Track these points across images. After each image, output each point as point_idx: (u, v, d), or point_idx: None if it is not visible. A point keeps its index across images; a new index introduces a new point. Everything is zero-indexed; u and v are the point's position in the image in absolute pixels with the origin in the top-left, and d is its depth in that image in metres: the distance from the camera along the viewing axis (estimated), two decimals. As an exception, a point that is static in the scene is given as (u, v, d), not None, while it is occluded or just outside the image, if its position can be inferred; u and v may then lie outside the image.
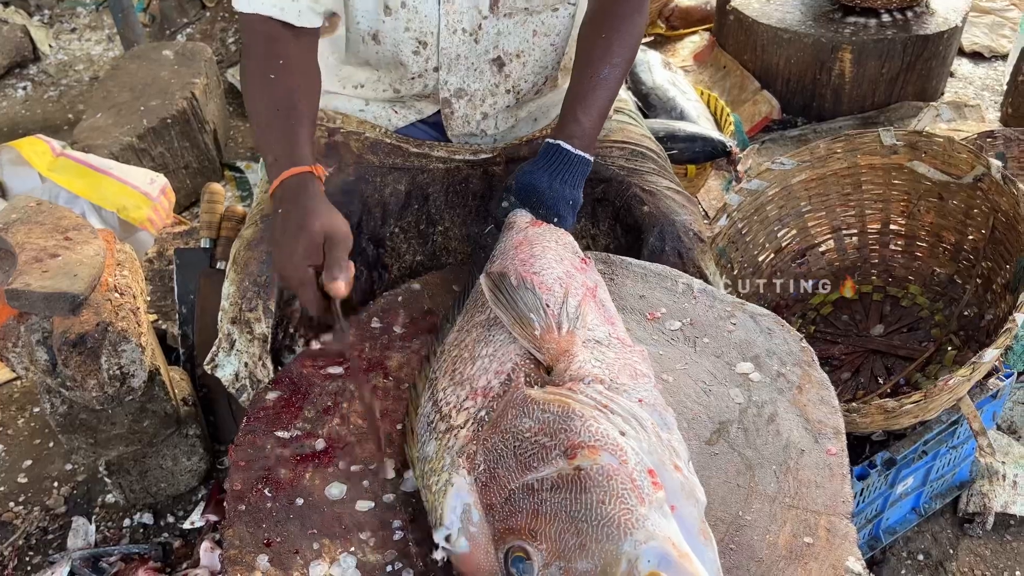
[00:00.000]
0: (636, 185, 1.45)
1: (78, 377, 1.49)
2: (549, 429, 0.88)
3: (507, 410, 0.92)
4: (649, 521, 0.79)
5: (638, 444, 0.86)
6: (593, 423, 0.87)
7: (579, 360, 0.98)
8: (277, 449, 1.11)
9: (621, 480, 0.82)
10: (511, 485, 0.86)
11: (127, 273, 1.62)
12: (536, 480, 0.85)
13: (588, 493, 0.81)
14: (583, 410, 0.89)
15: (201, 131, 2.89)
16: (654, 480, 0.83)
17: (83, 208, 2.34)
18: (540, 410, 0.90)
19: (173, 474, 1.85)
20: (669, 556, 0.77)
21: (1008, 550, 1.76)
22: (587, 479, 0.82)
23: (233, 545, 1.00)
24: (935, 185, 1.83)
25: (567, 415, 0.88)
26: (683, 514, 0.83)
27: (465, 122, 1.48)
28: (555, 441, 0.86)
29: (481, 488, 0.88)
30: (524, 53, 1.42)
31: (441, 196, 1.50)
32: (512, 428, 0.90)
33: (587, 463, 0.83)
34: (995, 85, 3.32)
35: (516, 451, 0.88)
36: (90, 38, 4.01)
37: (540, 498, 0.83)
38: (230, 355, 1.33)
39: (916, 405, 1.45)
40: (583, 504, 0.81)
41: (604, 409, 0.90)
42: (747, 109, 3.06)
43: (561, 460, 0.85)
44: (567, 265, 1.17)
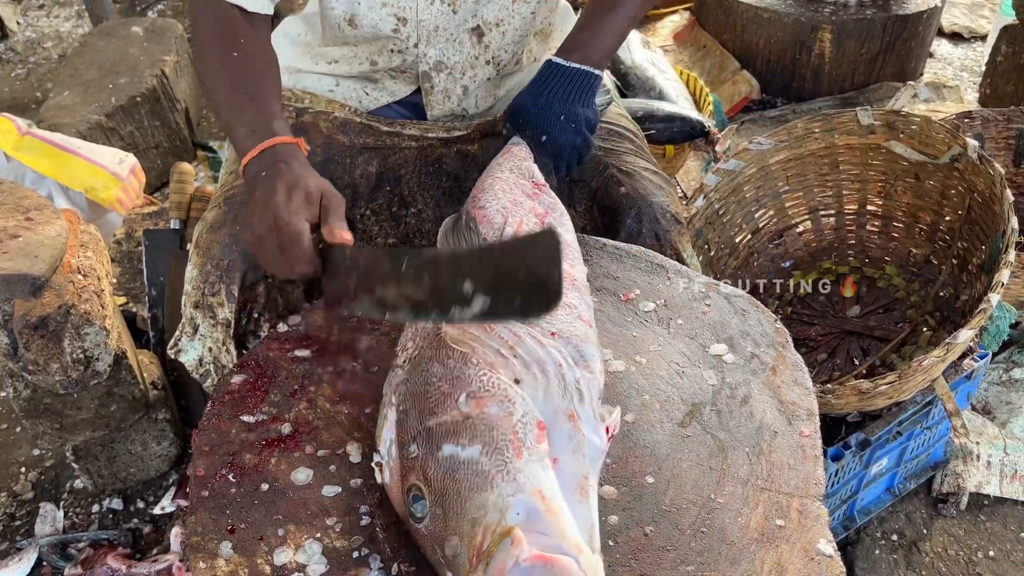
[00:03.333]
0: (613, 166, 1.43)
1: (40, 361, 1.45)
2: (451, 376, 0.91)
3: (424, 352, 0.96)
4: (522, 474, 0.81)
5: (532, 392, 0.89)
6: (487, 372, 0.90)
7: None
8: (242, 434, 1.09)
9: (502, 431, 0.84)
10: (417, 427, 0.89)
11: (91, 254, 1.58)
12: (435, 425, 0.87)
13: (472, 443, 0.84)
14: (483, 357, 0.91)
15: (172, 110, 2.84)
16: (540, 432, 0.85)
17: (50, 188, 2.29)
18: (446, 355, 0.93)
19: (142, 459, 1.82)
20: (536, 509, 0.78)
21: (981, 530, 1.77)
22: (473, 428, 0.85)
23: (196, 532, 0.98)
24: (912, 165, 1.82)
25: (466, 363, 0.91)
26: (565, 468, 0.84)
27: (446, 97, 1.45)
28: (453, 389, 0.89)
29: (398, 426, 0.92)
30: (504, 21, 1.39)
31: (414, 177, 1.47)
32: (425, 370, 0.94)
33: (475, 412, 0.86)
34: (974, 66, 3.33)
35: (425, 395, 0.91)
36: (59, 15, 3.92)
37: (435, 443, 0.86)
38: (193, 340, 1.30)
39: (890, 386, 1.45)
40: (465, 453, 0.84)
41: (507, 354, 0.92)
42: (727, 89, 3.05)
43: (454, 409, 0.88)
44: (516, 193, 1.16)
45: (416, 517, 0.86)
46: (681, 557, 0.93)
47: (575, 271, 1.12)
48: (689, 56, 3.25)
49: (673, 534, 0.95)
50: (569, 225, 1.19)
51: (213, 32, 1.21)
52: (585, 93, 1.26)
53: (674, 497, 0.99)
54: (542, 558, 0.73)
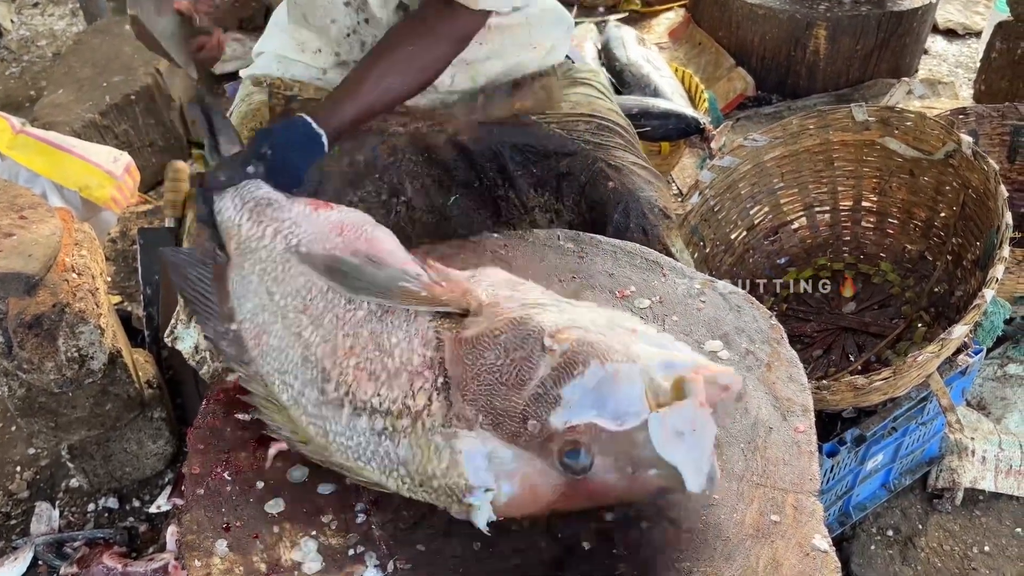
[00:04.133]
0: (602, 160, 1.43)
1: (35, 360, 1.45)
2: (513, 344, 0.91)
3: (461, 360, 0.93)
4: (640, 348, 0.88)
5: (575, 308, 0.96)
6: (540, 316, 0.93)
7: (479, 291, 1.01)
8: (237, 431, 1.09)
9: (596, 339, 0.88)
10: (520, 405, 0.88)
11: (85, 253, 1.57)
12: (537, 386, 0.88)
13: (587, 364, 0.87)
14: (522, 314, 0.93)
15: (167, 108, 2.83)
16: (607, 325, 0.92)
17: (44, 187, 2.28)
18: (491, 338, 0.92)
19: (138, 458, 1.82)
20: (667, 360, 0.87)
21: (977, 525, 1.77)
22: (576, 355, 0.87)
23: (191, 530, 0.98)
24: (907, 161, 1.82)
25: (516, 325, 0.92)
26: (643, 336, 0.92)
27: None
28: (526, 348, 0.90)
29: (494, 428, 0.88)
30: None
31: (403, 166, 1.47)
32: (481, 367, 0.91)
33: (564, 345, 0.88)
34: (969, 62, 3.33)
35: (500, 379, 0.90)
36: (53, 13, 3.91)
37: (552, 396, 0.87)
38: (189, 327, 1.30)
39: (885, 382, 1.45)
40: (587, 375, 0.86)
41: (532, 305, 0.96)
42: (722, 86, 3.04)
43: (545, 357, 0.88)
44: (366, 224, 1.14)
45: (582, 467, 0.85)
46: (677, 553, 0.94)
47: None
48: (684, 53, 3.25)
49: (669, 530, 0.95)
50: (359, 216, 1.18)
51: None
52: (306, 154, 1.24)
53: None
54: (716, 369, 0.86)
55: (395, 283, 1.01)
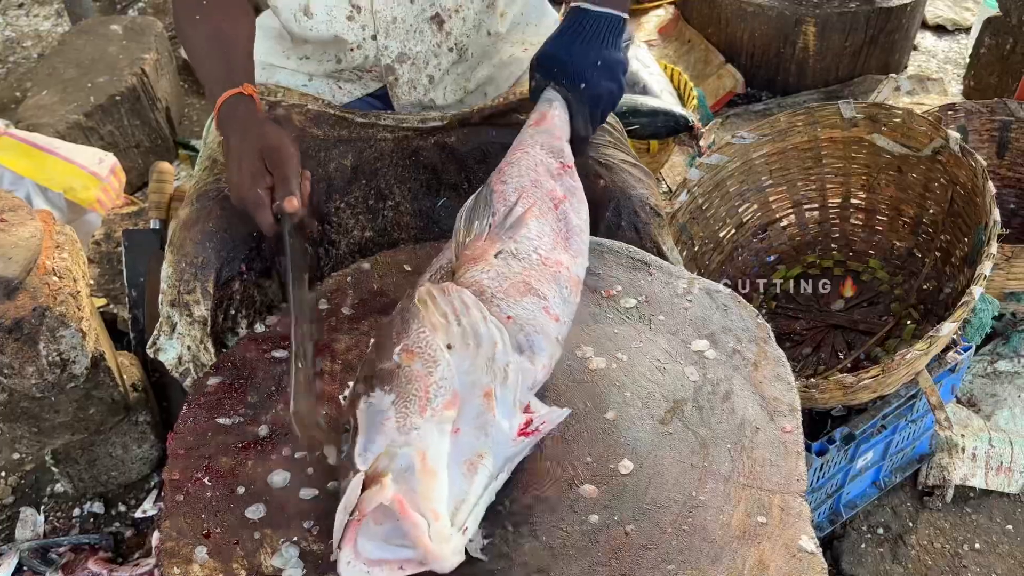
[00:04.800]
0: (592, 158, 1.42)
1: (15, 364, 1.43)
2: (400, 328, 0.97)
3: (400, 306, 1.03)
4: (417, 432, 0.86)
5: (459, 362, 0.93)
6: (425, 332, 0.95)
7: (475, 270, 1.03)
8: (219, 436, 1.07)
9: (416, 387, 0.89)
10: (365, 371, 0.96)
11: (67, 256, 1.55)
12: (375, 370, 0.94)
13: (391, 391, 0.90)
14: (430, 317, 0.96)
15: (152, 108, 2.81)
16: (451, 399, 0.90)
17: (28, 189, 2.27)
18: (404, 309, 1.00)
19: (123, 462, 1.80)
20: (412, 466, 0.83)
21: (967, 522, 1.77)
22: (397, 378, 0.91)
23: (170, 537, 0.96)
24: (895, 158, 1.82)
25: (413, 319, 0.97)
26: (463, 440, 0.89)
27: (411, 88, 1.44)
28: (397, 339, 0.95)
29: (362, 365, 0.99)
30: (463, 7, 1.38)
31: (390, 170, 1.46)
32: (388, 321, 1.01)
33: (404, 364, 0.92)
34: (958, 58, 3.33)
35: (380, 343, 0.98)
36: (38, 13, 3.88)
37: (370, 386, 0.92)
38: (172, 338, 1.28)
39: (874, 380, 1.44)
40: (384, 399, 0.90)
41: (452, 319, 0.96)
42: (711, 83, 3.04)
43: (392, 356, 0.93)
44: (540, 171, 1.16)
45: (344, 452, 0.90)
46: (662, 555, 0.92)
47: (571, 262, 1.11)
48: (674, 50, 3.24)
49: (654, 532, 0.94)
50: (584, 213, 1.18)
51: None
52: (616, 37, 1.22)
53: (655, 495, 0.98)
54: (400, 505, 0.79)
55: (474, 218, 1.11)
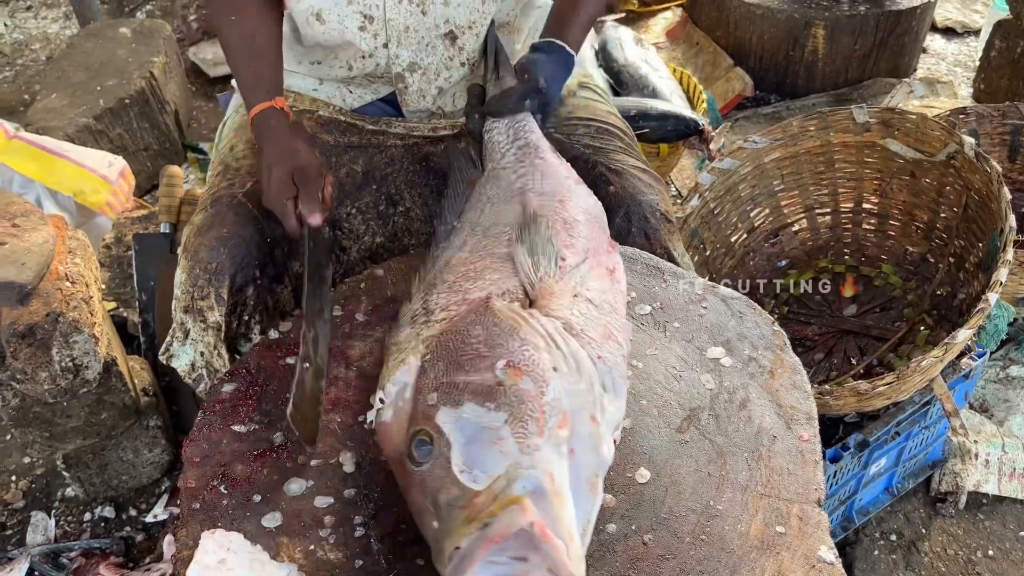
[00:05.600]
0: (602, 164, 1.42)
1: (28, 370, 1.43)
2: (492, 340, 0.92)
3: (469, 315, 0.97)
4: (540, 453, 0.83)
5: (564, 385, 0.89)
6: (531, 349, 0.91)
7: (559, 303, 1.01)
8: (233, 444, 1.07)
9: (531, 408, 0.85)
10: (442, 379, 0.90)
11: (79, 261, 1.55)
12: (463, 382, 0.89)
13: (499, 409, 0.85)
14: (529, 335, 0.92)
15: (161, 111, 2.81)
16: (564, 419, 0.86)
17: (38, 192, 2.27)
18: (492, 322, 0.94)
19: (134, 466, 1.80)
20: (543, 488, 0.79)
21: (980, 529, 1.76)
22: (502, 396, 0.86)
23: (187, 546, 0.96)
24: (908, 163, 1.81)
25: (511, 333, 0.92)
26: (580, 461, 0.86)
27: (420, 96, 1.44)
28: (492, 353, 0.90)
29: (420, 372, 0.93)
30: (476, 23, 1.39)
31: (400, 176, 1.46)
32: (464, 329, 0.95)
33: (510, 382, 0.87)
34: (968, 61, 3.32)
35: (459, 350, 0.92)
36: (46, 16, 3.88)
37: (459, 399, 0.87)
38: (184, 344, 1.28)
39: (888, 387, 1.44)
40: (489, 417, 0.85)
41: (551, 343, 0.93)
42: (720, 86, 3.03)
43: (488, 372, 0.88)
44: (599, 240, 1.18)
45: (416, 460, 0.86)
46: (680, 566, 0.92)
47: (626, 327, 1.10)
48: (682, 53, 3.24)
49: (672, 542, 0.94)
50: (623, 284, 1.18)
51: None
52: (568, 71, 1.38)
53: (673, 504, 0.97)
54: (544, 531, 0.75)
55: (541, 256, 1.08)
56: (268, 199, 1.26)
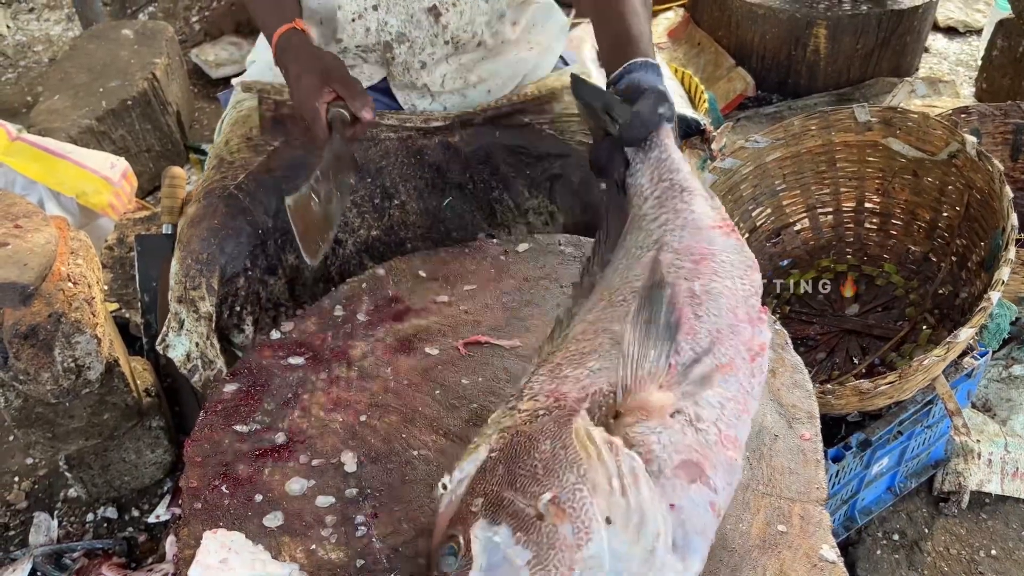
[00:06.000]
0: None
1: (31, 370, 1.44)
2: (551, 467, 0.80)
3: (547, 423, 0.85)
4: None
5: (612, 545, 0.77)
6: (587, 495, 0.78)
7: (647, 426, 0.84)
8: (235, 444, 1.07)
9: (560, 559, 0.75)
10: (493, 487, 0.82)
11: (81, 262, 1.56)
12: (509, 499, 0.80)
13: (527, 547, 0.76)
14: (592, 473, 0.79)
15: (163, 113, 2.81)
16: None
17: (41, 194, 2.27)
18: (561, 443, 0.82)
19: (137, 467, 1.80)
20: None
21: (983, 528, 1.76)
22: (535, 532, 0.77)
23: (188, 545, 0.97)
24: (910, 162, 1.81)
25: (572, 467, 0.80)
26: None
27: (405, 69, 1.45)
28: (545, 480, 0.80)
29: (479, 470, 0.84)
30: (460, 1, 1.39)
31: (395, 169, 1.46)
32: (535, 438, 0.84)
33: (548, 520, 0.77)
34: (970, 60, 3.32)
35: (520, 461, 0.82)
36: (49, 18, 3.89)
37: (499, 516, 0.79)
38: (180, 335, 1.29)
39: (891, 386, 1.44)
40: (516, 552, 0.77)
41: (617, 487, 0.78)
42: (722, 86, 3.03)
43: (534, 500, 0.78)
44: (739, 315, 0.97)
45: (440, 569, 0.80)
46: (682, 565, 0.92)
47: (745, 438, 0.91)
48: (684, 53, 3.24)
49: (674, 542, 0.94)
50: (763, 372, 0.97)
51: None
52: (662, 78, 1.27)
53: (674, 504, 0.97)
54: None
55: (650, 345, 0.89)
56: (298, 103, 1.26)
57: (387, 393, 1.13)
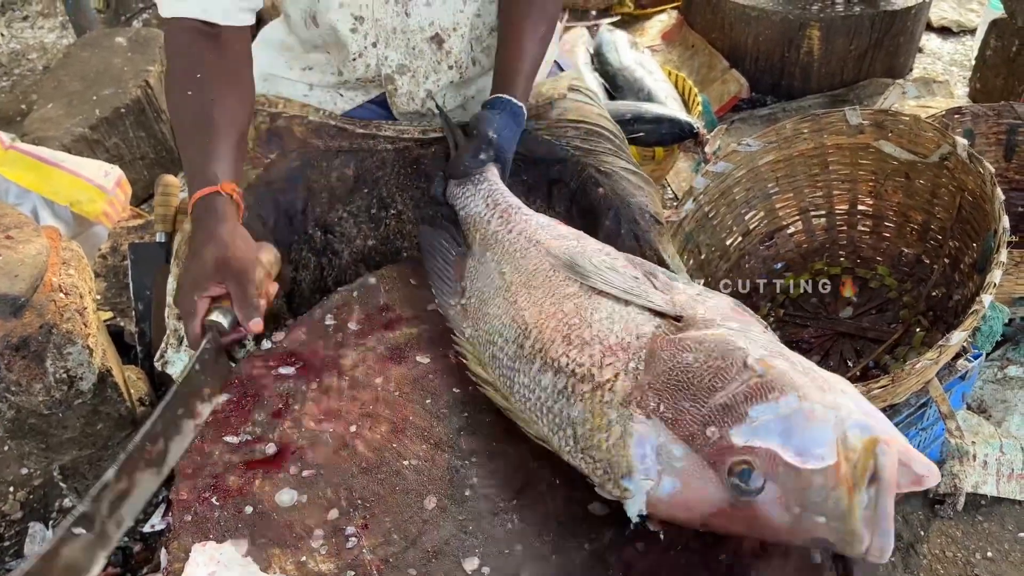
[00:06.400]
0: (591, 166, 1.42)
1: (23, 382, 1.43)
2: (718, 353, 0.90)
3: (660, 353, 0.94)
4: (837, 399, 0.83)
5: (790, 355, 0.90)
6: (750, 343, 0.90)
7: (700, 311, 1.00)
8: (226, 455, 1.07)
9: (799, 378, 0.85)
10: (704, 409, 0.86)
11: (73, 272, 1.55)
12: (728, 397, 0.86)
13: (784, 394, 0.83)
14: (734, 336, 0.92)
15: (157, 120, 2.81)
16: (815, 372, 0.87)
17: (34, 203, 2.27)
18: (695, 341, 0.92)
19: (131, 476, 1.79)
20: (865, 423, 0.80)
21: (979, 531, 1.76)
22: (775, 381, 0.85)
23: (178, 558, 0.97)
24: (902, 164, 1.81)
25: (726, 341, 0.91)
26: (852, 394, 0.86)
27: (410, 99, 1.46)
28: (727, 359, 0.88)
29: (671, 424, 0.88)
30: (460, 24, 1.40)
31: (392, 179, 1.47)
32: (677, 364, 0.91)
33: (765, 370, 0.86)
34: (963, 60, 3.32)
35: (692, 380, 0.89)
36: (43, 25, 3.89)
37: (740, 411, 0.84)
38: (179, 351, 1.28)
39: (884, 390, 1.43)
40: (786, 403, 0.83)
41: (746, 335, 0.93)
42: (716, 88, 3.03)
43: (744, 372, 0.87)
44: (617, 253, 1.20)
45: (751, 491, 0.82)
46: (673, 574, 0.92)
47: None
48: (678, 55, 3.24)
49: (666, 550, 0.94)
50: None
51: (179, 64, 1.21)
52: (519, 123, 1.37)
53: (665, 512, 0.97)
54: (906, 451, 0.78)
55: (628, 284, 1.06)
56: (177, 294, 1.11)
57: (378, 403, 1.13)
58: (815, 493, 0.79)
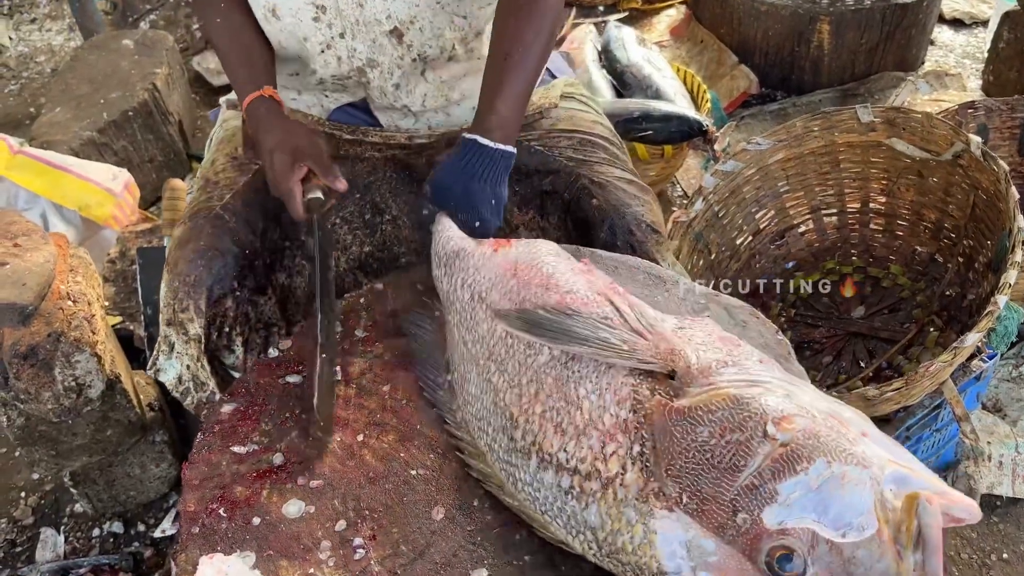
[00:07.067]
0: (585, 177, 1.40)
1: (32, 390, 1.43)
2: (731, 424, 0.81)
3: (668, 432, 0.85)
4: (871, 451, 0.77)
5: (800, 393, 0.84)
6: (763, 398, 0.82)
7: (688, 353, 0.91)
8: (233, 465, 1.07)
9: (824, 432, 0.78)
10: (729, 494, 0.79)
11: (81, 279, 1.55)
12: (753, 475, 0.79)
13: (811, 460, 0.77)
14: (743, 393, 0.83)
15: (165, 123, 2.81)
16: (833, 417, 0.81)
17: (43, 208, 2.27)
18: (706, 413, 0.83)
19: (142, 481, 1.80)
20: (900, 473, 0.75)
21: (995, 532, 1.74)
22: (800, 448, 0.78)
23: (186, 571, 0.96)
24: (914, 162, 1.79)
25: (738, 404, 0.82)
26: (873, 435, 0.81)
27: (382, 93, 1.44)
28: (746, 432, 0.80)
29: (697, 515, 0.81)
30: (418, 17, 1.35)
31: (384, 184, 1.46)
32: (690, 443, 0.83)
33: (787, 435, 0.78)
34: (976, 53, 3.28)
35: (711, 461, 0.81)
36: (51, 28, 3.90)
37: (769, 490, 0.77)
38: (171, 358, 1.28)
39: (898, 392, 1.42)
40: (811, 473, 0.76)
41: (753, 383, 0.85)
42: (725, 84, 3.00)
43: (765, 444, 0.79)
44: (579, 272, 1.07)
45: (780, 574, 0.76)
46: (684, 585, 0.90)
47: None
48: (686, 51, 3.21)
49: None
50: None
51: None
52: (506, 173, 1.24)
53: (676, 522, 0.95)
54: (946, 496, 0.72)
55: (595, 333, 0.94)
56: (273, 186, 1.27)
57: (385, 411, 1.12)
58: (860, 566, 0.73)
